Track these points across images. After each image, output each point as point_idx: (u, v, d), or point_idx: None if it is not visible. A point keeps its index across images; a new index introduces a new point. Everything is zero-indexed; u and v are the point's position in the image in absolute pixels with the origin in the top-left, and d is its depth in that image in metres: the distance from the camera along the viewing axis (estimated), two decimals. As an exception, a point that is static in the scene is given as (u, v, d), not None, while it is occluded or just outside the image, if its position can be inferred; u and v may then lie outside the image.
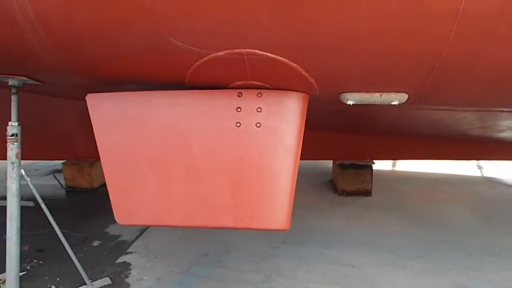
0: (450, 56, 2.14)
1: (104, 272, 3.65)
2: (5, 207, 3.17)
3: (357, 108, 2.83)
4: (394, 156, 5.71)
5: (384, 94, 2.57)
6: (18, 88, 3.09)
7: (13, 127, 3.06)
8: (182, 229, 4.41)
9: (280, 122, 2.54)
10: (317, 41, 2.16)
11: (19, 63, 2.79)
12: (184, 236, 4.32)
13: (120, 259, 3.89)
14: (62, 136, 5.35)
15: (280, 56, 2.28)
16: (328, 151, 5.55)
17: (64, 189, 6.40)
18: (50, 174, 7.36)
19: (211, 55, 2.33)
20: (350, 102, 2.65)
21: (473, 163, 7.18)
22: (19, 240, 3.10)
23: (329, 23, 2.03)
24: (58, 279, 3.57)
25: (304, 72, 2.40)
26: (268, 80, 2.54)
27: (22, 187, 3.28)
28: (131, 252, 4.02)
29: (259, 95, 2.58)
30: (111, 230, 4.54)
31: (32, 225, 3.40)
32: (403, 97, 2.58)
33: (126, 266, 3.76)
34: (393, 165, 7.03)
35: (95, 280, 3.50)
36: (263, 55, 2.27)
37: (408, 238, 4.22)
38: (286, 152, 2.52)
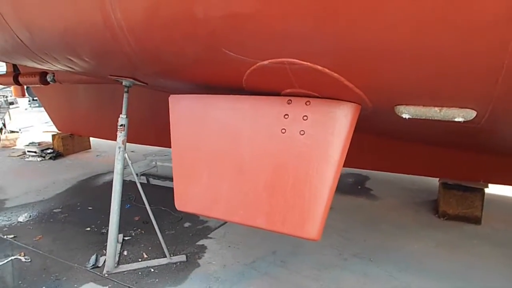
0: (514, 67, 1.80)
1: (184, 250, 4.18)
2: (134, 183, 3.92)
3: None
4: (517, 182, 4.74)
5: (444, 109, 2.28)
6: (129, 87, 3.82)
7: (122, 119, 3.79)
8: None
9: (324, 132, 2.52)
10: (358, 50, 2.09)
11: (126, 68, 3.45)
12: (260, 231, 4.54)
13: (200, 242, 4.37)
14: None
15: (320, 66, 2.28)
16: (434, 167, 4.99)
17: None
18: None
19: (258, 64, 2.48)
20: (405, 116, 2.43)
21: None
22: (119, 211, 3.83)
23: (369, 32, 1.95)
24: (150, 248, 4.26)
25: (347, 83, 2.33)
26: (315, 89, 2.54)
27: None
28: (210, 238, 4.47)
29: (308, 103, 2.60)
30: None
31: (149, 201, 4.07)
32: (470, 113, 2.24)
33: (203, 248, 4.22)
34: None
35: (175, 255, 4.05)
36: (302, 64, 2.31)
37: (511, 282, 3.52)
38: (326, 163, 2.48)
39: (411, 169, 5.28)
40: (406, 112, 2.40)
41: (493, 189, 5.43)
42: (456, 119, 2.27)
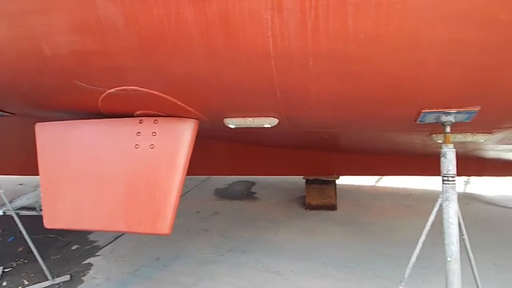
0: (284, 87, 2.53)
1: (70, 270, 4.33)
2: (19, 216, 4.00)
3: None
4: (360, 172, 5.85)
5: (256, 119, 2.98)
6: None
7: None
8: (149, 236, 4.99)
9: (169, 144, 3.04)
10: (177, 79, 2.68)
11: None
12: (149, 243, 4.89)
13: (87, 261, 4.55)
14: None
15: (155, 91, 2.82)
16: (296, 167, 5.87)
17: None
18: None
19: (106, 92, 2.92)
20: (231, 126, 3.08)
21: (461, 179, 6.98)
22: None
23: (178, 65, 2.53)
24: (32, 275, 4.31)
25: (180, 103, 2.90)
26: (159, 109, 3.06)
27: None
28: (98, 255, 4.67)
29: (156, 121, 3.11)
30: (92, 236, 5.23)
31: (32, 231, 4.14)
32: (273, 121, 2.96)
33: (88, 266, 4.41)
34: (377, 181, 7.07)
35: (58, 277, 4.18)
36: (141, 90, 2.82)
37: (348, 250, 4.41)
38: (172, 169, 2.99)
39: (282, 171, 6.12)
40: (231, 123, 3.06)
41: (349, 180, 6.57)
42: (265, 125, 2.98)
